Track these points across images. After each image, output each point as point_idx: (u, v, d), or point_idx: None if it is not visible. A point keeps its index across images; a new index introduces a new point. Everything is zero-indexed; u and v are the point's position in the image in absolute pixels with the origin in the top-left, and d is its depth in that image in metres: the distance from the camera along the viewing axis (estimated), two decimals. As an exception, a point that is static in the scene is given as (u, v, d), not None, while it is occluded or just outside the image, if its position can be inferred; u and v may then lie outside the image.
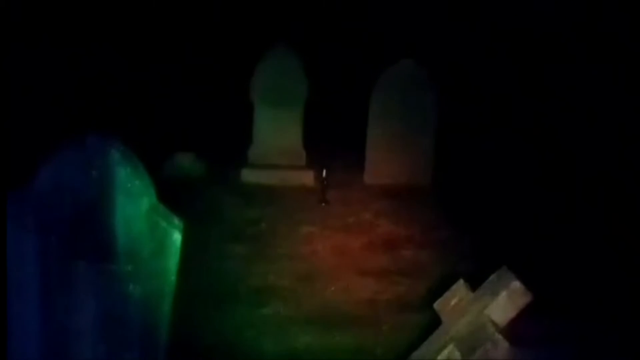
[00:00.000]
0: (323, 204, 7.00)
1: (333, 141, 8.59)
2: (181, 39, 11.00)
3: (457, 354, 3.07)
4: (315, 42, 10.58)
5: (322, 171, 7.13)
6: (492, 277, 3.31)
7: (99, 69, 9.76)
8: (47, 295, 2.76)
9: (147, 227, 2.81)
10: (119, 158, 2.73)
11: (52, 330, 2.80)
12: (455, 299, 3.42)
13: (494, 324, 3.07)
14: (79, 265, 2.78)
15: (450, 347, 3.13)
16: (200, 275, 4.99)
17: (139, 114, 8.71)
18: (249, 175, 7.55)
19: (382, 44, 10.82)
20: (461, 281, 3.51)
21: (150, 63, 10.23)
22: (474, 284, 3.43)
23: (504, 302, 3.11)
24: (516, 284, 3.12)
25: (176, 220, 2.91)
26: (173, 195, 3.32)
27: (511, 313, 3.12)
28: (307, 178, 7.56)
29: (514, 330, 3.09)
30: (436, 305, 3.53)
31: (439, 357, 3.15)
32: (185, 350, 3.88)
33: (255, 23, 11.52)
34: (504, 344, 2.95)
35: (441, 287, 3.70)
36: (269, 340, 4.37)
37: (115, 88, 9.46)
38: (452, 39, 11.43)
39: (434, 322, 3.54)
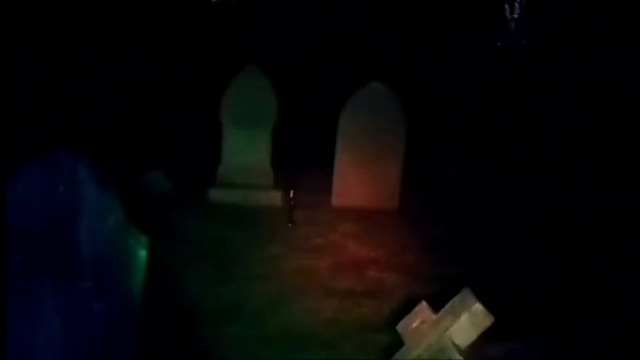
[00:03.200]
0: (290, 225, 7.02)
1: (301, 162, 8.63)
2: (152, 59, 11.01)
3: (419, 375, 3.11)
4: (285, 64, 10.65)
5: (289, 192, 7.16)
6: (455, 299, 3.36)
7: (70, 85, 9.73)
8: (12, 310, 2.76)
9: (113, 244, 2.82)
10: (87, 175, 2.74)
11: (18, 345, 2.79)
12: (418, 320, 3.45)
13: (456, 345, 3.11)
14: (44, 281, 2.77)
15: (413, 368, 3.17)
16: (166, 294, 4.98)
17: (108, 132, 8.69)
18: (216, 195, 7.55)
19: (352, 66, 10.94)
20: (423, 303, 3.55)
21: (121, 82, 10.21)
22: (437, 306, 3.47)
23: (466, 324, 3.16)
24: (478, 307, 3.16)
25: (142, 238, 2.93)
26: (140, 213, 3.33)
27: (473, 335, 3.16)
28: (275, 198, 7.58)
29: (475, 352, 3.13)
30: (399, 327, 3.57)
31: (401, 378, 3.18)
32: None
33: (225, 44, 11.57)
34: (464, 366, 3.00)
35: (405, 309, 3.74)
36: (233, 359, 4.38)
37: (85, 105, 9.44)
38: (421, 62, 11.58)
39: (397, 343, 3.57)
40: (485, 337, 3.22)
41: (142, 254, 2.87)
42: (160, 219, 6.55)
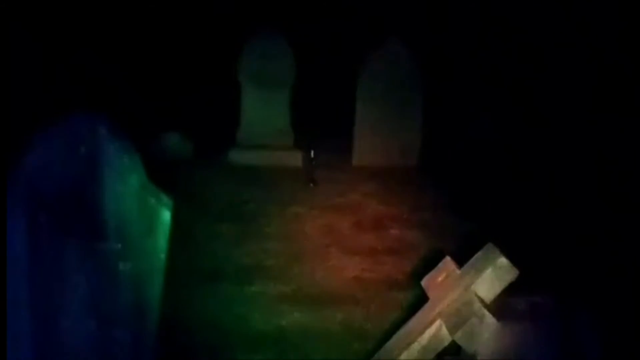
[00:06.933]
0: (311, 185, 7.02)
1: (321, 122, 8.60)
2: (169, 20, 10.95)
3: (444, 330, 3.11)
4: (302, 24, 10.56)
5: (310, 152, 7.14)
6: (478, 254, 3.34)
7: (87, 48, 9.70)
8: (37, 270, 2.77)
9: (136, 204, 2.82)
10: (107, 134, 2.72)
11: (42, 307, 2.81)
12: (442, 276, 3.44)
13: (481, 299, 3.10)
14: (69, 243, 2.78)
15: (437, 323, 3.16)
16: (189, 254, 5.01)
17: (127, 93, 8.68)
18: (236, 156, 7.55)
19: (370, 24, 10.81)
20: (447, 258, 3.53)
21: (138, 44, 10.18)
22: (461, 261, 3.46)
23: (490, 278, 3.14)
24: (502, 260, 3.14)
25: (165, 198, 2.92)
26: (161, 175, 3.33)
27: (497, 289, 3.15)
28: (295, 159, 7.58)
29: (500, 306, 3.12)
30: (423, 282, 3.55)
31: (426, 333, 3.18)
32: (175, 328, 3.91)
33: (243, 5, 11.47)
34: (490, 320, 2.98)
35: (428, 265, 3.73)
36: (257, 317, 4.40)
37: (102, 68, 9.42)
38: (439, 19, 11.43)
39: (421, 299, 3.57)
40: (510, 291, 3.21)
41: (166, 214, 2.86)
42: (181, 180, 6.57)
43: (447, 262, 3.50)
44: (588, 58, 9.63)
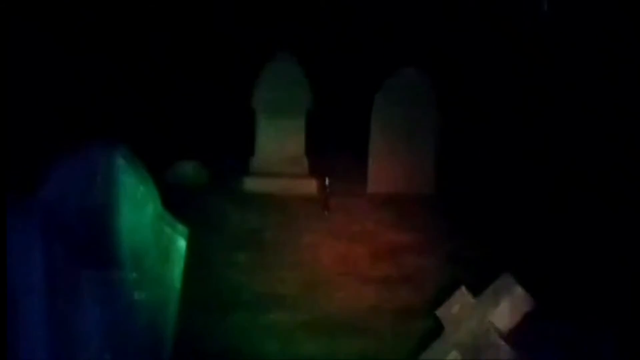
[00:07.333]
0: (326, 213, 7.01)
1: (335, 150, 8.61)
2: (185, 47, 11.04)
3: (460, 361, 3.08)
4: (318, 51, 10.62)
5: (324, 180, 7.14)
6: (495, 283, 3.32)
7: (104, 76, 9.79)
8: (53, 301, 2.78)
9: (152, 234, 2.83)
10: (124, 165, 2.75)
11: (58, 337, 2.82)
12: (458, 305, 3.42)
13: (497, 330, 3.08)
14: (84, 272, 2.79)
15: (453, 353, 3.14)
16: (204, 282, 5.00)
17: (143, 122, 8.74)
18: (251, 184, 7.56)
19: (384, 52, 10.86)
20: (463, 288, 3.51)
21: (155, 71, 10.26)
22: (477, 290, 3.44)
23: (507, 308, 3.12)
24: (518, 290, 3.12)
25: (180, 227, 2.93)
26: (176, 203, 3.34)
27: (514, 319, 3.12)
28: (310, 186, 7.58)
29: (516, 336, 3.09)
30: (438, 312, 3.53)
31: (442, 364, 3.15)
32: (190, 357, 3.90)
33: (258, 32, 11.55)
34: (506, 350, 2.96)
35: (443, 294, 3.70)
36: (273, 347, 4.38)
37: (119, 96, 9.50)
38: (454, 47, 11.46)
39: (437, 329, 3.55)
40: (527, 321, 3.18)
41: (181, 243, 2.87)
42: (196, 209, 6.57)
43: (463, 292, 3.47)
44: (597, 72, 9.63)
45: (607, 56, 9.84)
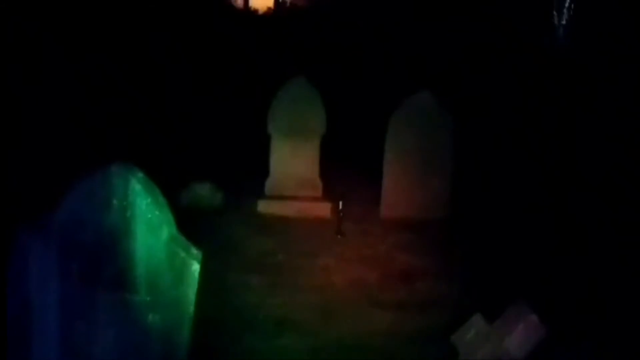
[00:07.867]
0: (339, 236, 7.00)
1: (350, 173, 8.62)
2: (201, 71, 11.12)
3: (474, 387, 3.07)
4: (332, 74, 10.67)
5: (338, 203, 7.15)
6: (509, 310, 3.31)
7: (122, 99, 9.88)
8: (68, 323, 2.79)
9: (166, 257, 2.84)
10: (140, 188, 2.77)
11: (73, 358, 2.82)
12: (472, 332, 3.41)
13: (512, 356, 3.06)
14: (100, 294, 2.80)
15: (468, 380, 3.13)
16: (218, 305, 5.00)
17: (158, 145, 8.79)
18: (265, 207, 7.57)
19: (399, 76, 10.91)
20: (478, 314, 3.51)
21: (170, 94, 10.34)
22: (491, 316, 3.43)
23: (521, 335, 3.11)
24: (533, 317, 3.12)
25: (195, 251, 2.94)
26: (191, 225, 3.35)
27: (528, 346, 3.12)
28: (324, 210, 7.58)
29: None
30: (453, 338, 3.53)
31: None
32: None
33: (274, 55, 11.64)
34: (521, 378, 2.95)
35: (458, 320, 3.69)
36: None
37: (135, 119, 9.57)
38: (469, 71, 11.50)
39: (451, 354, 3.54)
40: (541, 347, 3.17)
41: (195, 267, 2.89)
42: (211, 231, 6.59)
43: (478, 319, 3.47)
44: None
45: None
